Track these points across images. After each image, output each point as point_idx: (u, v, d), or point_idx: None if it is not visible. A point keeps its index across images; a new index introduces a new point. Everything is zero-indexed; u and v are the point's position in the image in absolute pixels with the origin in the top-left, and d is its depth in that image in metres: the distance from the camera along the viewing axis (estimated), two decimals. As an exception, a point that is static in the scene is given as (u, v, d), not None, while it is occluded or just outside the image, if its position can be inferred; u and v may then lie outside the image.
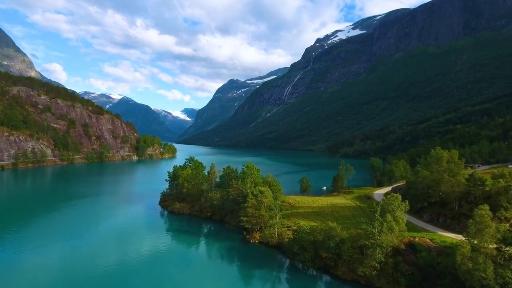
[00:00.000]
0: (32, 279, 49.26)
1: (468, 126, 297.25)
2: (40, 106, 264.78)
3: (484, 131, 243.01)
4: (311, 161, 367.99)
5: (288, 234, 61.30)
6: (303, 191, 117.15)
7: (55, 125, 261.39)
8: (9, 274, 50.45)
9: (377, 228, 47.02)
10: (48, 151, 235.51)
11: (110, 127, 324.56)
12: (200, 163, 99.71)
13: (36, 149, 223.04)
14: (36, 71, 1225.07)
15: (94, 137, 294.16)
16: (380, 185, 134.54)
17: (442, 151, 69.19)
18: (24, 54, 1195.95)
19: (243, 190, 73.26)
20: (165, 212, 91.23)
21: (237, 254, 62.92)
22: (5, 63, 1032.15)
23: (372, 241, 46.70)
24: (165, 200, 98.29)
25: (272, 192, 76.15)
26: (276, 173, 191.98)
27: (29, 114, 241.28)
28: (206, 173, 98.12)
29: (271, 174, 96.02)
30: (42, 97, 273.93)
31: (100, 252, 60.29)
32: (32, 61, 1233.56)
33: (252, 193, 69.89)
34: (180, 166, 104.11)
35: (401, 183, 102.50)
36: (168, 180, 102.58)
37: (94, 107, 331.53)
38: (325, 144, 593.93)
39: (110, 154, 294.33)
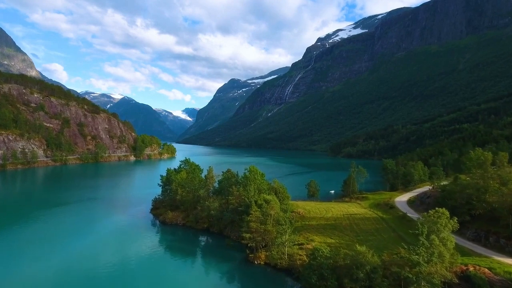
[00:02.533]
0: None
1: (476, 126, 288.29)
2: (32, 105, 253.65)
3: (496, 130, 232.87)
4: (314, 161, 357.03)
5: (300, 255, 50.15)
6: (311, 196, 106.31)
7: (48, 125, 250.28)
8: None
9: (423, 255, 35.92)
10: (40, 152, 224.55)
11: (107, 126, 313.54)
12: (197, 165, 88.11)
13: (26, 150, 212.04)
14: (36, 70, 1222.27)
15: (89, 137, 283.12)
16: (393, 189, 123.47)
17: (486, 152, 57.93)
18: (25, 54, 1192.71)
19: (245, 198, 62.09)
20: (157, 222, 79.94)
21: (238, 278, 51.73)
22: (5, 62, 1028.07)
23: (417, 271, 35.67)
24: (157, 208, 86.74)
25: (279, 201, 65.23)
26: (279, 175, 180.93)
27: (20, 112, 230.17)
28: (204, 177, 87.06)
29: (277, 178, 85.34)
30: (35, 95, 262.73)
31: (73, 273, 49.39)
32: (32, 61, 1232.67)
33: (256, 202, 58.96)
34: (174, 169, 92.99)
35: (425, 188, 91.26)
36: (160, 185, 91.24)
37: (90, 105, 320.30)
38: (327, 144, 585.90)
39: (106, 155, 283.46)
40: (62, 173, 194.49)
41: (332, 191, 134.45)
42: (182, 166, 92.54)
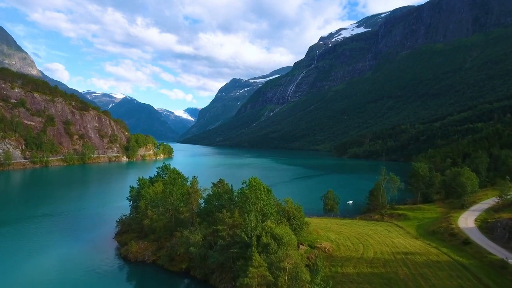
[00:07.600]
0: None
1: (492, 125, 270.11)
2: (12, 101, 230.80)
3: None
4: (319, 162, 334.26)
5: None
6: (328, 211, 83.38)
7: (29, 122, 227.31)
8: None
9: None
10: (17, 152, 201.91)
11: (97, 125, 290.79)
12: (179, 173, 64.36)
13: (0, 150, 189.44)
14: (38, 70, 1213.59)
15: (76, 136, 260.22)
16: (426, 200, 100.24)
17: None
18: (25, 53, 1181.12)
19: (242, 234, 38.84)
20: (119, 254, 56.60)
21: None
22: (6, 62, 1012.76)
23: None
24: (124, 232, 63.15)
25: (294, 232, 42.23)
26: (283, 180, 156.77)
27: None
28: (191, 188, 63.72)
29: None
30: (16, 90, 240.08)
31: None
32: (33, 60, 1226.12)
33: (258, 239, 36.20)
34: (150, 178, 69.69)
35: (486, 203, 67.77)
36: (129, 200, 67.68)
37: (78, 102, 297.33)
38: (331, 144, 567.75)
39: (95, 155, 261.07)
40: (36, 178, 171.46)
41: (350, 202, 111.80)
42: (160, 173, 68.81)
